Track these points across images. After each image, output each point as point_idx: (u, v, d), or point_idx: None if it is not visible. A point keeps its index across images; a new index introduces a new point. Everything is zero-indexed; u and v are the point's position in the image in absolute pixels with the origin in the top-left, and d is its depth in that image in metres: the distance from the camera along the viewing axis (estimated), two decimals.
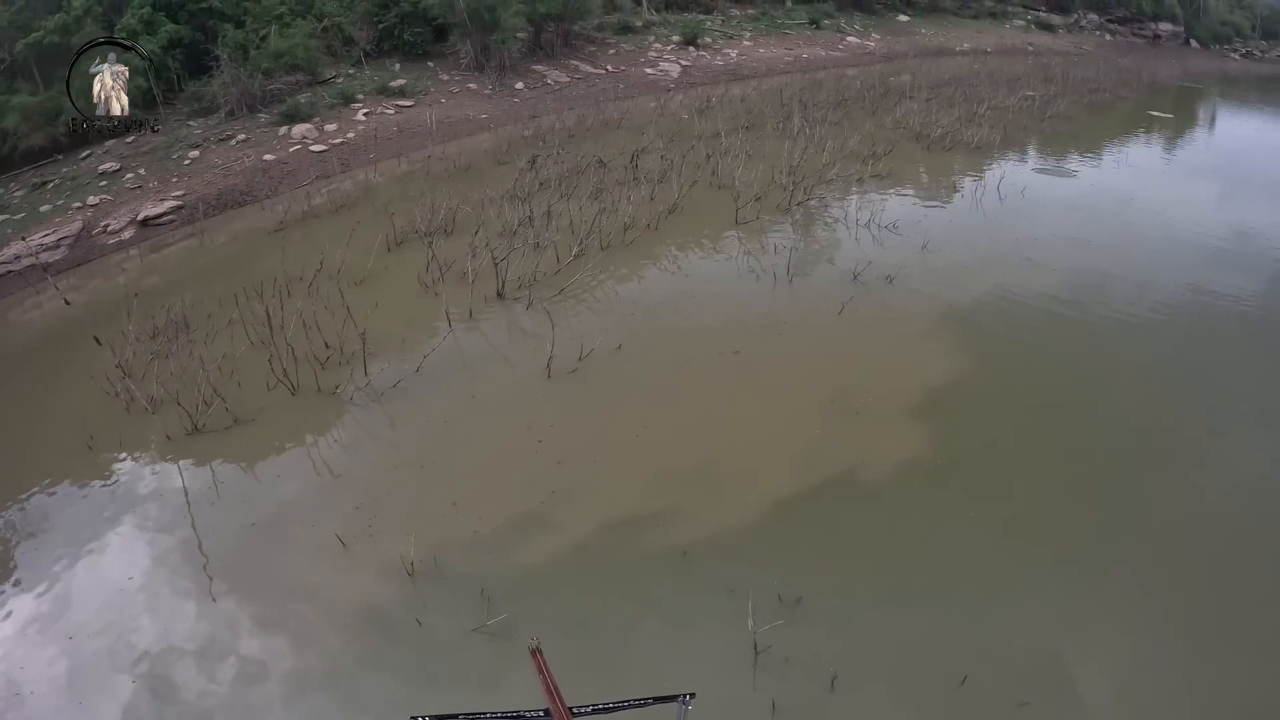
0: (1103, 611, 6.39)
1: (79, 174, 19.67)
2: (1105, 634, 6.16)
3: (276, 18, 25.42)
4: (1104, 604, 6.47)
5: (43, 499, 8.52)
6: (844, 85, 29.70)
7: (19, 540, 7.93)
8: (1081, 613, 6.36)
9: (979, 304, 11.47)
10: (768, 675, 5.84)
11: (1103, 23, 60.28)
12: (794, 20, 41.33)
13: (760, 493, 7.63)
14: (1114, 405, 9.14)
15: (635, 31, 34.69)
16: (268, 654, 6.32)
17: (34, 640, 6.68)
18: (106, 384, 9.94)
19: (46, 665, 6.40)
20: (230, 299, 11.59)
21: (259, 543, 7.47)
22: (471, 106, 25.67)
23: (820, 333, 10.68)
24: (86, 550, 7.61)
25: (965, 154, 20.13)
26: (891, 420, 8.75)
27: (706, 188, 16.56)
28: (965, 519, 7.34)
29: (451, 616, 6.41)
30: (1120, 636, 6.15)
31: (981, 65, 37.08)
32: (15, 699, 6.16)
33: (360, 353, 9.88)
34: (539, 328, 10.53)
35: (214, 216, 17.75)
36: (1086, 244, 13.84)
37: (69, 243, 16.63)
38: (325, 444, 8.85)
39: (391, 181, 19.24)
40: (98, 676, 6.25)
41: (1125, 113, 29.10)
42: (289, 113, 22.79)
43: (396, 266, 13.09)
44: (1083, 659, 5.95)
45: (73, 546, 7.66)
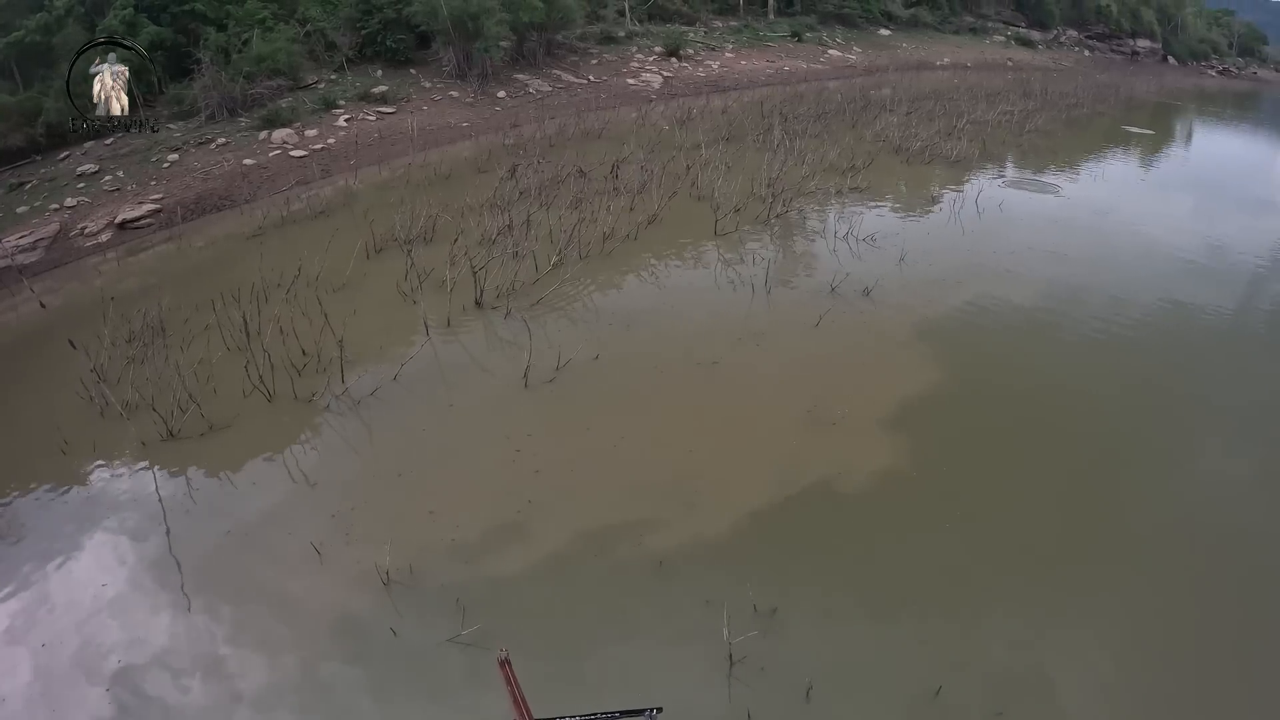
0: (1078, 621, 6.48)
1: (57, 175, 19.54)
2: (1081, 644, 6.24)
3: (259, 21, 25.38)
4: (1079, 614, 6.57)
5: (15, 504, 8.44)
6: (825, 98, 29.96)
7: None
8: (1057, 623, 6.45)
9: (956, 316, 11.60)
10: (743, 686, 5.87)
11: (1082, 39, 61.24)
12: (776, 33, 41.69)
13: (737, 504, 7.67)
14: (1090, 417, 9.29)
15: (618, 42, 34.85)
16: (242, 663, 6.29)
17: (5, 648, 6.61)
18: (81, 388, 9.88)
19: (18, 673, 6.35)
20: (207, 304, 11.54)
21: (234, 551, 7.42)
22: (453, 114, 25.68)
23: (798, 344, 10.75)
24: (59, 557, 7.55)
25: (944, 167, 20.37)
26: (868, 432, 8.83)
27: (686, 199, 16.64)
28: (940, 530, 7.42)
29: (426, 626, 6.40)
30: (1096, 646, 6.24)
31: (961, 80, 37.55)
32: None
33: (338, 360, 9.87)
34: (517, 337, 10.56)
35: (192, 220, 17.68)
36: (1064, 257, 14.05)
37: (45, 244, 16.51)
38: (302, 451, 8.82)
39: (372, 188, 19.21)
40: (70, 685, 6.20)
41: (1103, 128, 29.56)
42: (270, 117, 22.72)
43: (375, 274, 13.07)
44: (1058, 669, 6.03)
45: (45, 552, 7.60)
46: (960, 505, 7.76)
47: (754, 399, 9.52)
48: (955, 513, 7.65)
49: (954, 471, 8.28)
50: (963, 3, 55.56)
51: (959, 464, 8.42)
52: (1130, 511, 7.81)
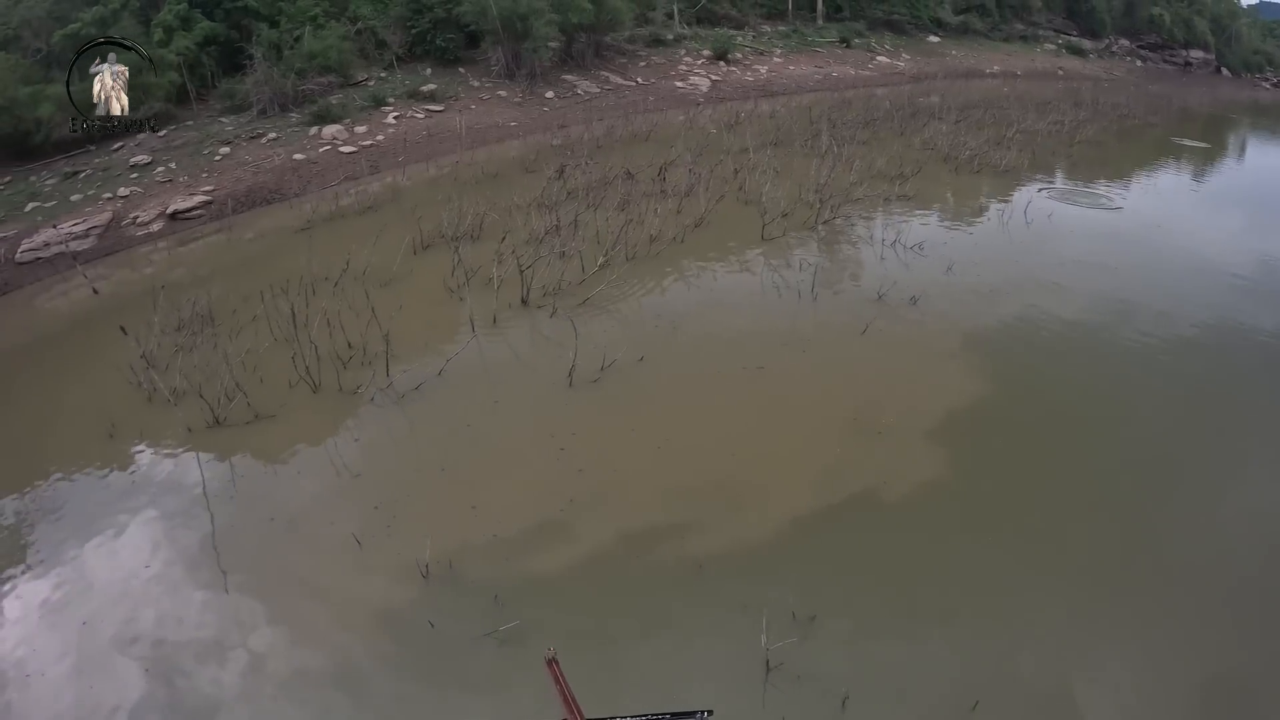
0: (1117, 640, 6.29)
1: (110, 165, 19.82)
2: (1119, 663, 6.07)
3: (311, 19, 25.65)
4: (1119, 632, 6.38)
5: (62, 485, 8.53)
6: (873, 105, 29.69)
7: (37, 525, 7.94)
8: (1096, 641, 6.26)
9: (1003, 328, 11.38)
10: (778, 693, 5.76)
11: (1134, 49, 60.17)
12: (825, 38, 41.45)
13: (779, 509, 7.55)
14: (1136, 434, 9.04)
15: (666, 44, 34.83)
16: (279, 649, 6.30)
17: (47, 624, 6.68)
18: (130, 374, 10.00)
19: (58, 649, 6.41)
20: (255, 295, 11.65)
21: (276, 538, 7.45)
22: (501, 114, 25.77)
23: (843, 351, 10.61)
24: (103, 537, 7.61)
25: (993, 177, 20.07)
26: (912, 441, 8.66)
27: (733, 203, 16.52)
28: (982, 543, 7.26)
29: (464, 620, 6.35)
30: (1134, 666, 6.07)
31: (1011, 88, 37.10)
32: (24, 680, 6.17)
33: (383, 354, 9.86)
34: (562, 336, 10.49)
35: (242, 213, 17.88)
36: (1113, 270, 13.73)
37: (98, 232, 16.74)
38: (345, 443, 8.83)
39: (419, 185, 19.30)
40: (108, 662, 6.24)
41: (1154, 140, 28.96)
42: (320, 113, 22.94)
43: (422, 270, 13.10)
44: (1095, 687, 5.86)
45: (90, 533, 7.67)
46: (1002, 518, 7.59)
47: (799, 405, 9.39)
48: (997, 526, 7.49)
49: (997, 484, 8.10)
50: (1013, 10, 54.72)
51: (1002, 476, 8.24)
52: (1174, 532, 7.56)
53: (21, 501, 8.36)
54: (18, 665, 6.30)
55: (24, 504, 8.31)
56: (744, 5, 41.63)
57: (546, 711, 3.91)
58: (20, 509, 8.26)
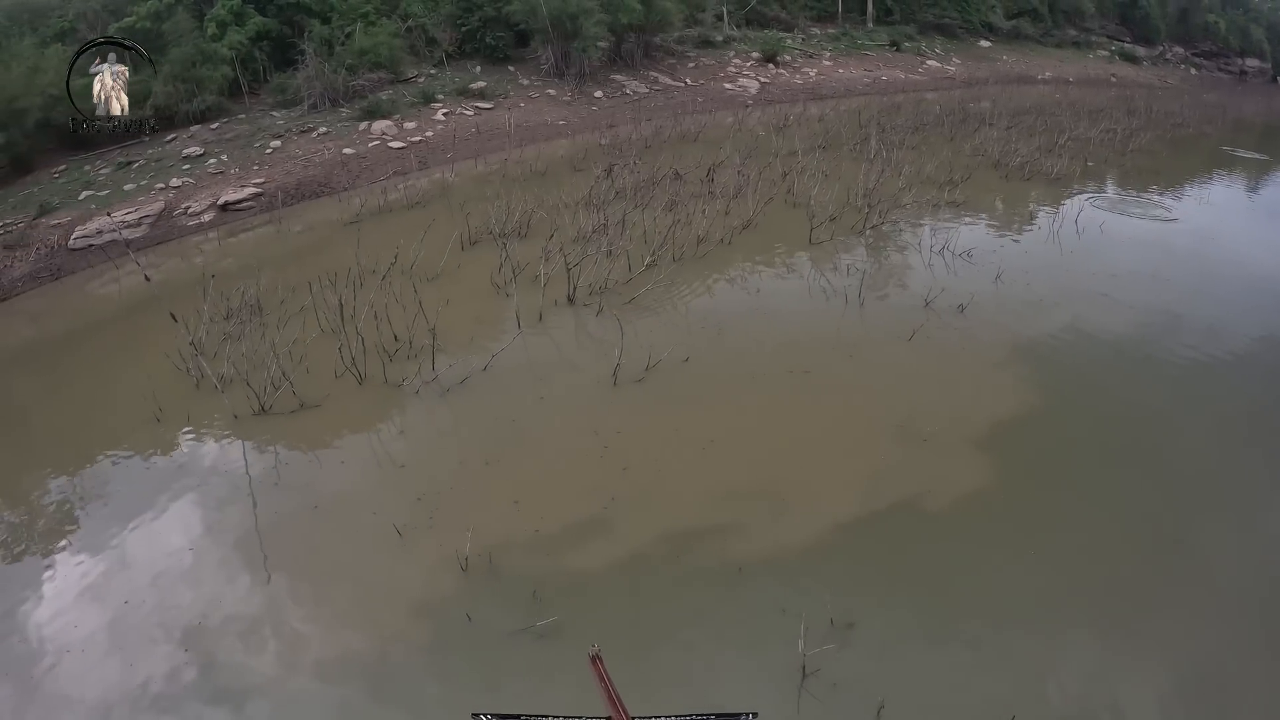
0: (1158, 663, 6.06)
1: (163, 156, 20.12)
2: (1159, 686, 5.85)
3: (362, 15, 25.92)
4: (1160, 655, 6.14)
5: (108, 466, 8.64)
6: (923, 109, 29.29)
7: (83, 505, 8.04)
8: (1136, 662, 6.05)
9: (1052, 338, 11.09)
10: (813, 699, 5.61)
11: (1188, 56, 58.84)
12: (874, 41, 41.07)
13: (822, 514, 7.39)
14: (1186, 452, 8.72)
15: (715, 46, 34.72)
16: (315, 636, 6.29)
17: (89, 602, 6.74)
18: (178, 360, 10.08)
19: (99, 626, 6.47)
20: (303, 286, 11.71)
21: (319, 526, 7.45)
22: (550, 112, 25.82)
23: (890, 357, 10.40)
24: (148, 519, 7.68)
25: (1044, 185, 19.66)
26: (958, 451, 8.44)
27: (781, 205, 16.35)
28: (1024, 556, 7.03)
29: (502, 614, 6.30)
30: (1174, 690, 5.84)
31: (1063, 95, 36.43)
32: (65, 655, 6.23)
33: (429, 347, 9.85)
34: (608, 335, 10.42)
35: (291, 205, 18.04)
36: (1165, 282, 13.32)
37: (150, 221, 16.98)
38: (389, 434, 8.83)
39: (468, 182, 19.36)
40: (148, 641, 6.29)
41: (1209, 150, 28.25)
42: (370, 109, 23.14)
43: (469, 265, 13.10)
44: (1136, 708, 5.67)
45: (134, 514, 7.73)
46: (1046, 532, 7.35)
47: (845, 410, 9.22)
48: (1040, 539, 7.25)
49: (1042, 497, 7.87)
50: (1066, 15, 53.79)
51: (1047, 489, 8.00)
52: (1222, 556, 7.25)
53: (69, 482, 8.47)
54: (60, 641, 6.36)
55: (71, 484, 8.43)
56: (793, 7, 41.37)
57: (584, 708, 3.81)
58: (67, 489, 8.37)
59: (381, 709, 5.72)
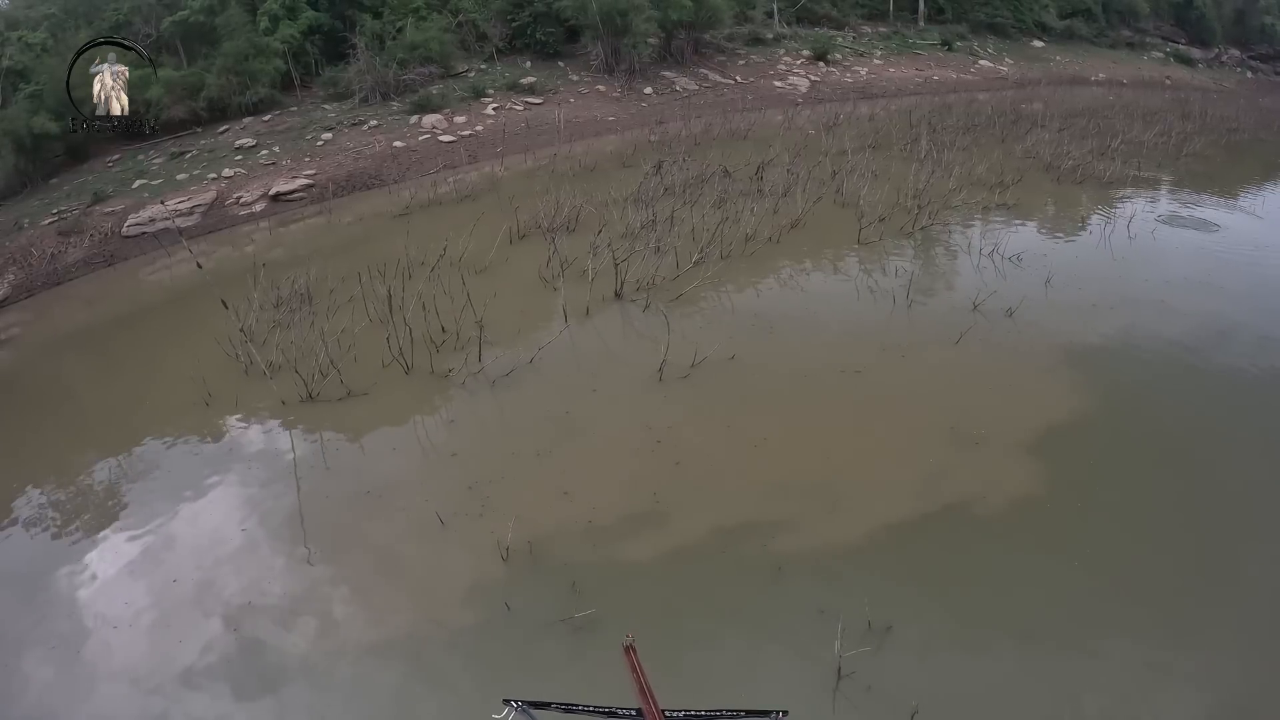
0: (1197, 678, 5.85)
1: (216, 147, 20.40)
2: (1202, 701, 5.65)
3: (413, 11, 26.08)
4: (1200, 670, 5.92)
5: (158, 449, 8.76)
6: (974, 110, 28.82)
7: (133, 485, 8.16)
8: (1175, 676, 5.84)
9: (1103, 345, 10.77)
10: (847, 701, 5.47)
11: (1244, 59, 57.27)
12: (926, 41, 40.56)
13: (869, 515, 7.21)
14: (1238, 464, 8.36)
15: (765, 44, 34.50)
16: (358, 619, 6.33)
17: (138, 579, 6.85)
18: (228, 346, 10.17)
19: (147, 603, 6.57)
20: (353, 277, 11.77)
21: (367, 511, 7.47)
22: (599, 108, 25.81)
23: (939, 359, 10.18)
24: (195, 501, 7.78)
25: (1096, 188, 19.19)
26: (1009, 455, 8.21)
27: (830, 205, 16.11)
28: (1069, 566, 6.79)
29: (540, 604, 6.26)
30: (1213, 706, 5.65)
31: (1117, 97, 35.65)
32: (113, 631, 6.33)
33: (476, 339, 9.82)
34: (654, 330, 10.31)
35: (342, 197, 18.22)
36: (1220, 290, 12.87)
37: (202, 210, 17.22)
38: (436, 423, 8.82)
39: (517, 176, 19.38)
40: (194, 619, 6.36)
41: (1265, 156, 27.51)
42: (420, 103, 23.28)
43: (517, 259, 13.09)
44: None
45: (182, 496, 7.84)
46: (1092, 541, 7.11)
47: (896, 411, 9.02)
48: (1086, 548, 7.00)
49: (1090, 505, 7.61)
50: (1120, 16, 52.73)
51: (1096, 497, 7.73)
52: (1271, 567, 7.06)
53: (120, 462, 8.60)
54: (108, 617, 6.48)
55: (122, 465, 8.56)
56: (844, 6, 40.98)
57: (616, 699, 3.73)
58: (118, 470, 8.50)
59: (417, 692, 5.73)
